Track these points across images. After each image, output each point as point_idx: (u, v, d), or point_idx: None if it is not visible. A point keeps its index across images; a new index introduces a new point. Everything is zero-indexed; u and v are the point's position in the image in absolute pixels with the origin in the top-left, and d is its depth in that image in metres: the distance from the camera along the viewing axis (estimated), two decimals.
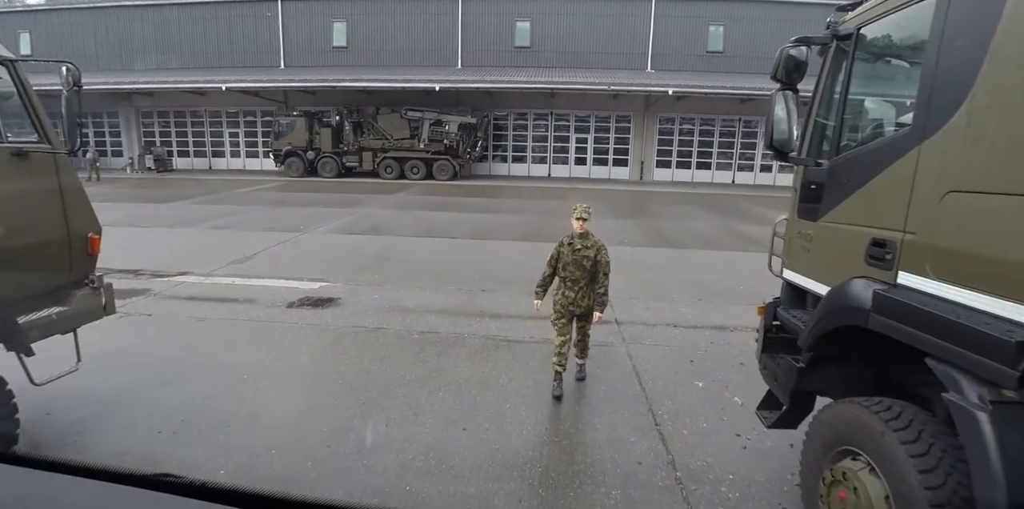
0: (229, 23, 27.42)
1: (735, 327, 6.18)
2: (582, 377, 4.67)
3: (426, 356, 5.09)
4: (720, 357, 5.29)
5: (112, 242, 10.74)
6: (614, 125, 26.38)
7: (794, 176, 3.24)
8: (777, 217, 3.55)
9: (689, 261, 9.59)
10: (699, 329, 6.10)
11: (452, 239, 10.97)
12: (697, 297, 7.34)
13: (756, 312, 3.56)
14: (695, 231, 12.64)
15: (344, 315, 6.22)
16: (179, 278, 7.81)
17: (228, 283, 7.58)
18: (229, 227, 11.87)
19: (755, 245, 11.07)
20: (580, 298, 4.31)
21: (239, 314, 6.25)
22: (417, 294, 7.14)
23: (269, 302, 6.74)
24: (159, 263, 8.64)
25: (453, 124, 22.97)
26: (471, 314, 6.38)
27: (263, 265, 8.61)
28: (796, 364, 2.77)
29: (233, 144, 28.95)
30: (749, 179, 26.19)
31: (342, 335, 5.58)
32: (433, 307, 6.61)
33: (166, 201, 15.94)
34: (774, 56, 2.87)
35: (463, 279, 7.95)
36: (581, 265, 4.23)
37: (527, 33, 25.80)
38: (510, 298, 7.03)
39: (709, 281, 8.23)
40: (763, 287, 8.22)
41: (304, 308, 6.52)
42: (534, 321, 6.09)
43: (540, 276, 4.48)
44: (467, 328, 5.88)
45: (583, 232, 4.27)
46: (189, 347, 5.22)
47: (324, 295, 7.03)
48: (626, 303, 6.94)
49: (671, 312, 6.66)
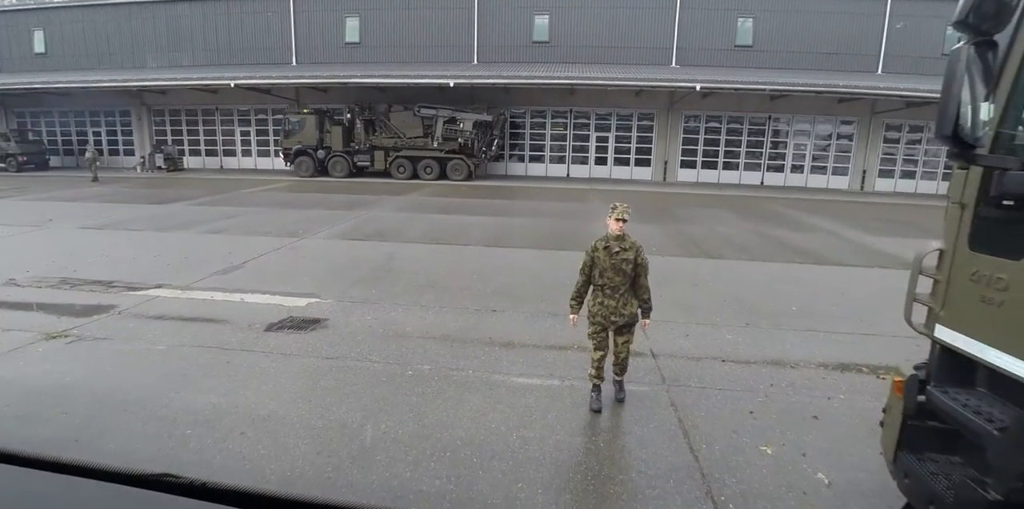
0: (241, 20, 26.79)
1: (795, 362, 5.11)
2: (622, 397, 4.23)
3: (419, 404, 4.10)
4: (785, 406, 4.23)
5: (94, 248, 10.02)
6: (636, 123, 25.20)
7: (955, 182, 2.14)
8: (927, 245, 2.44)
9: (727, 274, 8.49)
10: (752, 365, 5.03)
11: (462, 246, 10.00)
12: (744, 321, 6.26)
13: (875, 377, 2.49)
14: (729, 238, 11.50)
15: (328, 342, 5.28)
16: (153, 292, 6.95)
17: (206, 299, 6.69)
18: (224, 231, 11.04)
19: (798, 255, 9.95)
20: (622, 306, 3.97)
21: (207, 339, 5.34)
22: (417, 315, 6.17)
23: (246, 323, 5.83)
24: (137, 273, 7.81)
25: (468, 122, 22.01)
26: (478, 342, 5.39)
27: (250, 276, 7.72)
28: (982, 492, 1.71)
29: (244, 143, 28.36)
30: (779, 180, 24.84)
31: (320, 372, 4.62)
32: (434, 332, 5.63)
33: (166, 202, 15.23)
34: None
35: (472, 295, 6.97)
36: (621, 270, 3.90)
37: (545, 27, 24.73)
38: (524, 320, 6.02)
39: (753, 299, 7.14)
40: (817, 308, 7.13)
41: (284, 332, 5.59)
42: (553, 351, 5.08)
43: (573, 287, 4.14)
44: (473, 362, 4.89)
45: (621, 234, 3.93)
46: (134, 386, 4.31)
47: (310, 315, 6.10)
48: (661, 328, 5.89)
49: (716, 341, 5.60)
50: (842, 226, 13.69)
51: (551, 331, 5.73)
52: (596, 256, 3.94)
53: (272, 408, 4.01)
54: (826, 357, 5.31)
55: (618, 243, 3.91)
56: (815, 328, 6.10)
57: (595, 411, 4.04)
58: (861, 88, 20.08)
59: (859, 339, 5.83)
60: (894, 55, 23.77)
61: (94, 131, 29.78)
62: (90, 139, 28.99)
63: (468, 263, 8.69)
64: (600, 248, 3.93)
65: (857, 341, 5.78)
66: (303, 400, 4.12)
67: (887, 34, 23.56)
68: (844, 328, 6.15)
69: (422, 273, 7.99)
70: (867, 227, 13.69)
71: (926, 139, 24.19)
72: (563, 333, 5.69)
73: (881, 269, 9.21)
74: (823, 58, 23.90)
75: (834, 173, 24.75)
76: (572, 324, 4.23)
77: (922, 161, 24.45)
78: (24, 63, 29.10)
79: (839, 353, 5.41)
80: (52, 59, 28.87)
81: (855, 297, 7.43)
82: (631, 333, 4.12)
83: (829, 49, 23.90)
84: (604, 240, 3.95)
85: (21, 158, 26.51)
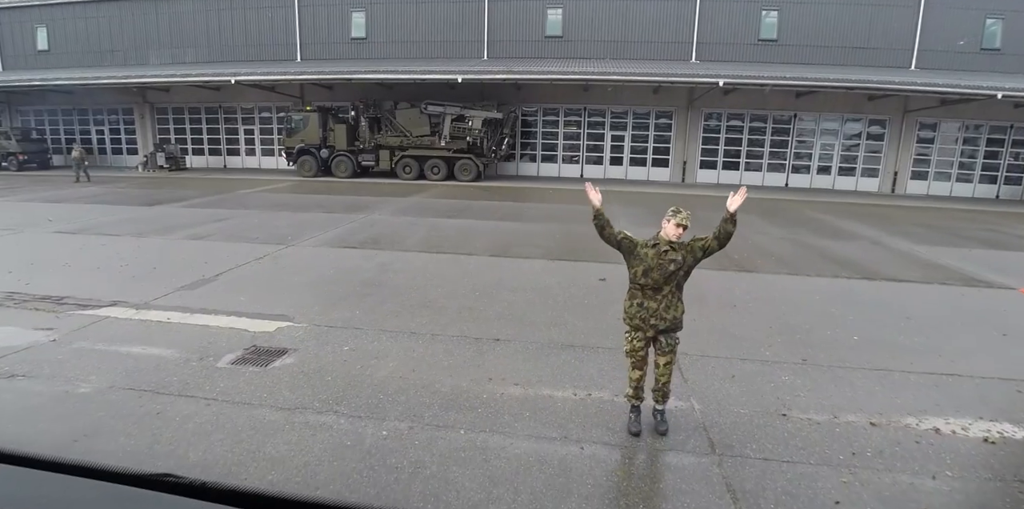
0: (244, 15, 25.99)
1: (874, 416, 4.02)
2: (664, 430, 3.71)
3: (388, 486, 3.07)
4: (880, 491, 3.16)
5: (61, 256, 9.10)
6: (654, 122, 24.01)
7: None
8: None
9: (767, 291, 7.39)
10: (822, 421, 3.95)
11: (465, 256, 8.98)
12: (799, 355, 5.17)
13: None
14: (762, 247, 10.38)
15: (290, 384, 4.27)
16: (105, 311, 6.01)
17: (161, 321, 5.73)
18: (208, 237, 10.12)
19: (844, 268, 8.81)
20: (664, 309, 3.56)
21: (145, 378, 4.36)
22: (404, 345, 5.15)
23: (199, 354, 4.86)
24: (95, 286, 6.88)
25: (477, 120, 20.97)
26: (475, 384, 4.36)
27: (220, 292, 6.76)
28: None
29: (248, 142, 27.58)
30: (804, 182, 23.54)
31: (269, 431, 3.61)
32: (423, 370, 4.61)
33: (156, 204, 14.38)
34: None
35: (472, 318, 5.94)
36: (667, 270, 3.52)
37: (559, 21, 23.62)
38: (533, 354, 4.99)
39: (804, 325, 6.05)
40: (883, 337, 5.88)
41: (242, 367, 4.60)
42: (569, 398, 4.03)
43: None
44: (466, 416, 3.86)
45: (675, 241, 3.56)
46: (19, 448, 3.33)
47: (277, 344, 5.11)
48: (702, 365, 4.83)
49: (770, 384, 4.52)
50: (883, 233, 12.49)
51: (566, 369, 4.69)
52: (643, 252, 3.55)
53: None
54: (910, 407, 4.22)
55: (669, 244, 3.54)
56: (887, 366, 5.00)
57: (634, 434, 3.67)
58: (896, 84, 18.77)
59: (944, 382, 4.73)
60: (928, 50, 22.39)
61: (97, 130, 29.20)
62: (77, 138, 28.29)
63: (470, 277, 7.67)
64: (649, 245, 3.57)
65: (942, 384, 4.68)
66: (234, 477, 3.11)
67: (921, 27, 22.18)
68: (922, 365, 5.04)
69: (417, 289, 6.98)
70: (910, 234, 12.48)
71: (962, 139, 22.80)
72: (581, 370, 4.65)
73: (942, 286, 8.05)
74: (852, 53, 22.59)
75: (863, 175, 23.40)
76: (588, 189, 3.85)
77: (957, 162, 23.04)
78: (27, 60, 28.59)
79: (925, 402, 4.32)
80: (55, 56, 28.31)
81: (923, 322, 6.31)
82: (674, 352, 3.66)
83: (858, 43, 22.58)
84: (654, 239, 3.60)
85: (22, 157, 25.94)
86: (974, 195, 22.84)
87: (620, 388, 4.37)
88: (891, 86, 18.84)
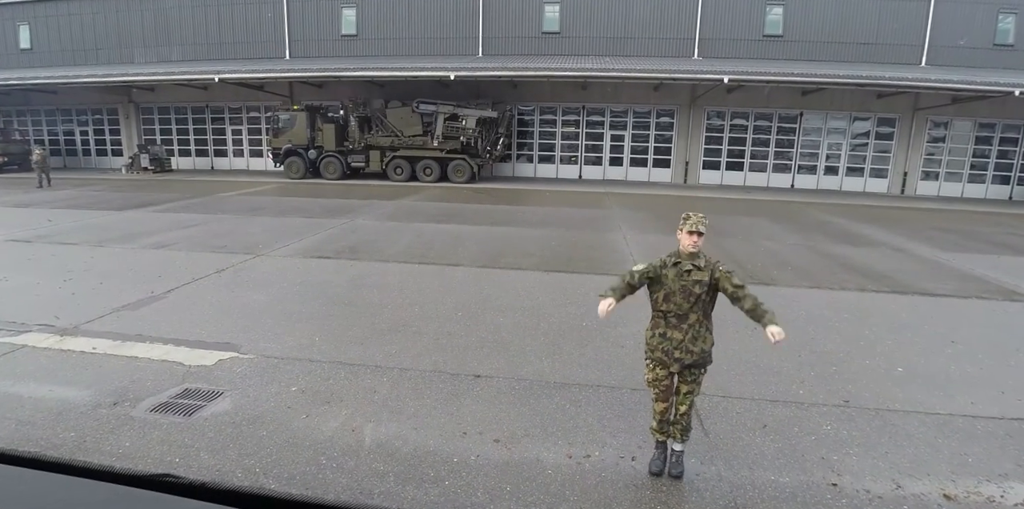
0: (231, 12, 25.13)
1: (943, 483, 3.16)
2: (678, 472, 3.20)
3: None
4: None
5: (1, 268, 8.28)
6: (655, 121, 23.14)
7: None
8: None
9: (791, 309, 6.52)
10: (885, 498, 3.09)
11: (451, 267, 8.12)
12: (839, 395, 4.31)
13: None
14: (778, 255, 9.53)
15: (210, 446, 3.40)
16: (23, 338, 5.14)
17: (85, 351, 4.87)
18: (170, 246, 9.25)
19: (870, 280, 7.96)
20: (691, 340, 3.09)
21: (33, 435, 3.50)
22: (366, 383, 4.30)
23: (115, 397, 4.00)
24: (26, 306, 6.03)
25: (471, 119, 20.10)
26: (445, 444, 3.50)
27: (164, 313, 5.89)
28: None
29: (236, 142, 26.69)
30: (811, 183, 22.69)
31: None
32: (380, 422, 3.75)
33: (128, 208, 13.50)
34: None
35: (450, 345, 5.09)
36: (691, 293, 3.04)
37: (556, 17, 22.76)
38: (520, 395, 4.12)
39: (838, 352, 5.20)
40: (930, 368, 4.19)
41: (160, 416, 3.74)
42: (562, 463, 3.16)
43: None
44: (430, 491, 2.99)
45: (695, 251, 3.07)
46: None
47: (212, 383, 4.25)
48: (724, 410, 3.98)
49: (811, 439, 3.66)
50: (903, 238, 11.64)
51: (559, 417, 3.84)
52: (663, 273, 3.09)
53: None
54: (986, 470, 3.37)
55: (691, 261, 3.08)
56: (945, 409, 4.15)
57: (654, 474, 3.19)
58: (908, 81, 17.92)
59: (1016, 430, 3.88)
60: (939, 46, 21.58)
61: (81, 130, 28.32)
62: (31, 138, 27.19)
63: (454, 293, 6.80)
64: (669, 265, 3.10)
65: (1017, 434, 3.83)
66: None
67: (932, 22, 21.36)
68: (984, 406, 4.20)
69: (391, 308, 6.12)
70: (932, 239, 11.64)
71: (974, 138, 21.97)
72: (577, 419, 3.80)
73: (982, 300, 7.20)
74: (860, 49, 21.79)
75: (872, 175, 22.55)
76: (601, 315, 3.05)
77: (969, 162, 22.21)
78: (8, 59, 27.72)
79: (1001, 460, 3.47)
80: (37, 55, 27.45)
81: (972, 347, 5.46)
82: (698, 382, 3.19)
83: (866, 39, 21.77)
84: (674, 256, 3.12)
85: (2, 159, 25.07)
86: (986, 196, 22.01)
87: (625, 443, 3.52)
88: (904, 83, 18.00)
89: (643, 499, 2.98)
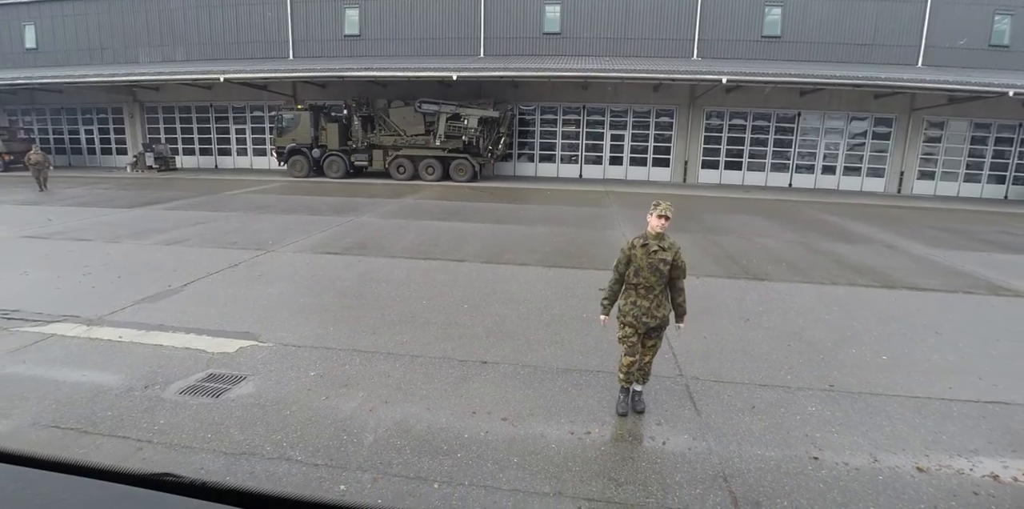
0: (236, 12, 25.38)
1: (919, 459, 3.44)
2: (641, 408, 3.96)
3: None
4: None
5: (21, 263, 8.53)
6: (654, 120, 23.41)
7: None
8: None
9: (782, 302, 6.81)
10: (862, 469, 3.37)
11: (456, 262, 8.40)
12: (825, 380, 4.59)
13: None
14: (772, 251, 9.80)
15: (239, 423, 3.68)
16: (52, 327, 5.42)
17: (112, 339, 5.14)
18: (182, 242, 9.52)
19: (861, 275, 8.23)
20: (655, 307, 3.77)
21: (74, 414, 3.77)
22: (380, 369, 4.57)
23: (145, 381, 4.27)
24: (51, 298, 6.31)
25: (473, 118, 20.37)
26: (455, 419, 3.78)
27: (183, 305, 6.17)
28: None
29: (240, 141, 26.96)
30: (808, 182, 22.96)
31: None
32: (396, 402, 4.03)
33: (135, 206, 13.77)
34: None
35: (458, 335, 5.36)
36: (657, 269, 3.70)
37: (557, 18, 23.02)
38: (524, 379, 4.40)
39: (826, 342, 5.47)
40: (914, 356, 4.79)
41: (189, 398, 4.02)
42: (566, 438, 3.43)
43: (606, 285, 3.97)
44: (441, 464, 3.26)
45: (661, 232, 3.73)
46: None
47: (235, 369, 4.52)
48: (715, 393, 4.25)
49: (796, 419, 3.94)
50: (896, 236, 11.91)
51: (562, 398, 4.11)
52: (633, 254, 3.74)
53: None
54: (959, 446, 3.65)
55: (657, 242, 3.71)
56: (924, 392, 4.42)
57: (621, 415, 3.89)
58: (905, 81, 18.18)
59: (990, 412, 4.15)
60: (935, 46, 21.84)
61: (86, 129, 28.57)
62: (36, 137, 27.49)
63: (460, 287, 7.08)
64: (638, 246, 3.74)
65: (988, 414, 4.11)
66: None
67: (928, 23, 21.62)
68: (962, 391, 4.47)
69: (400, 301, 6.39)
70: (924, 237, 11.91)
71: (970, 138, 22.23)
72: (579, 400, 4.07)
73: (967, 295, 7.48)
74: (857, 50, 22.05)
75: (869, 175, 22.82)
76: (603, 324, 4.05)
77: (965, 162, 22.47)
78: (15, 59, 27.98)
79: (974, 438, 3.74)
80: (43, 55, 27.72)
81: (954, 338, 5.74)
82: (659, 338, 3.93)
83: (864, 40, 22.03)
84: (642, 238, 3.77)
85: (8, 157, 25.33)
86: (982, 195, 22.28)
87: (623, 421, 3.79)
88: (900, 83, 18.25)
89: (639, 469, 3.25)
